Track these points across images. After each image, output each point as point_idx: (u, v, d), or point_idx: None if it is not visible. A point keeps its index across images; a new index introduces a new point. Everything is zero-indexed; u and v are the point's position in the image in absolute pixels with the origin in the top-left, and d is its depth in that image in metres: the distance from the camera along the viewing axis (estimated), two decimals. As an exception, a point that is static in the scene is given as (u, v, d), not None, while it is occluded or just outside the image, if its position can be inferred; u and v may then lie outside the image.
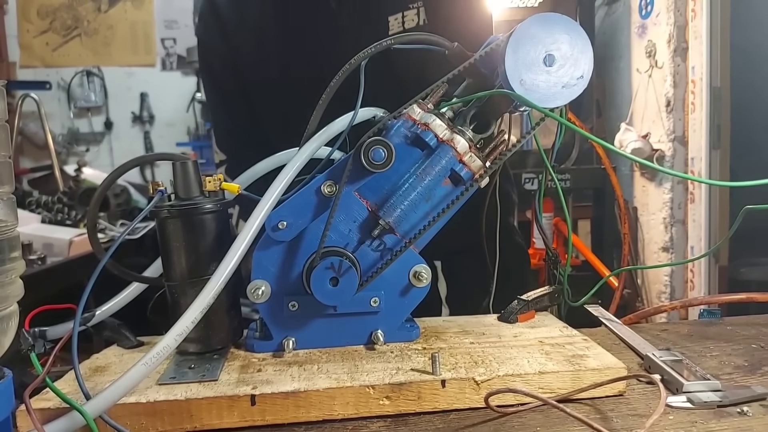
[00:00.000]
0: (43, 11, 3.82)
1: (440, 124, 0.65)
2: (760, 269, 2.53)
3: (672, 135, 2.47)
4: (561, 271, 0.82)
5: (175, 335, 0.53)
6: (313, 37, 1.01)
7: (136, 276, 0.71)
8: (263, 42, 1.04)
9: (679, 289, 2.55)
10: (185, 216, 0.65)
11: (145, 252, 1.92)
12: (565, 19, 0.63)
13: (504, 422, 0.55)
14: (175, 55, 3.95)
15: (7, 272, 0.50)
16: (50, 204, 2.16)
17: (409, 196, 0.65)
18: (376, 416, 0.57)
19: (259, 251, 0.66)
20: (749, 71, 2.42)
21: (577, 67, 0.63)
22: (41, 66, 3.83)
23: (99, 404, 0.49)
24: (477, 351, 0.66)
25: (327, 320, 0.68)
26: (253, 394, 0.56)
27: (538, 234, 2.34)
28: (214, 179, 0.67)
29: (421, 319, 0.77)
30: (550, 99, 0.63)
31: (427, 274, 0.69)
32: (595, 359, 0.63)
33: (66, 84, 3.84)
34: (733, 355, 0.71)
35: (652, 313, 0.94)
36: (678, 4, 2.40)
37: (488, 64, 0.67)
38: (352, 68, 0.68)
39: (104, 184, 0.71)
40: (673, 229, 2.52)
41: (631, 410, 0.57)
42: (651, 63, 2.54)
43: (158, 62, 3.95)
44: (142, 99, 3.93)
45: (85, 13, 3.86)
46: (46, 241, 1.73)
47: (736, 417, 0.54)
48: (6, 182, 0.51)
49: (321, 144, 0.68)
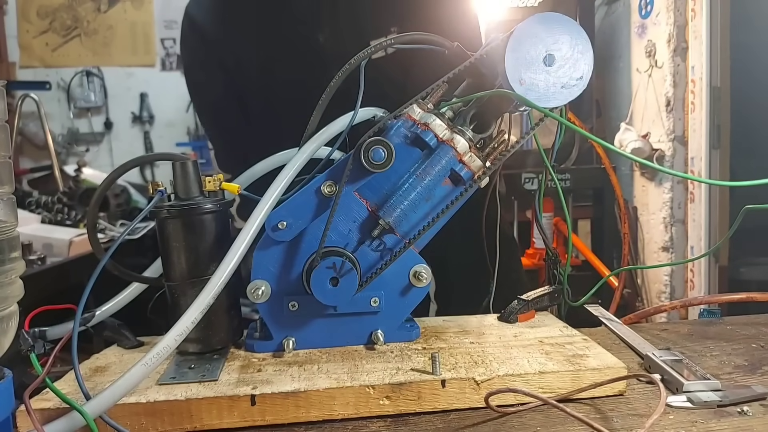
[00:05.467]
0: (43, 11, 3.81)
1: (440, 123, 0.65)
2: (760, 269, 2.52)
3: (672, 135, 2.47)
4: (561, 271, 0.82)
5: (175, 335, 0.53)
6: (301, 66, 1.02)
7: (136, 276, 0.71)
8: (248, 74, 1.06)
9: (679, 289, 2.54)
10: (185, 216, 0.65)
11: (145, 252, 1.92)
12: (565, 19, 0.63)
13: (504, 422, 0.55)
14: (174, 56, 3.95)
15: (7, 272, 0.50)
16: (50, 204, 2.16)
17: (409, 196, 0.65)
18: (376, 416, 0.57)
19: (259, 251, 0.66)
20: (749, 71, 2.42)
21: (577, 67, 0.63)
22: (41, 66, 3.83)
23: (99, 404, 0.49)
24: (477, 351, 0.66)
25: (327, 320, 0.68)
26: (253, 394, 0.56)
27: (538, 234, 2.34)
28: (214, 179, 0.67)
29: (421, 319, 0.77)
30: (549, 99, 0.63)
31: (427, 274, 0.69)
32: (595, 359, 0.63)
33: (66, 84, 3.83)
34: (733, 355, 0.71)
35: (652, 312, 0.94)
36: (678, 4, 2.40)
37: (488, 64, 0.67)
38: (351, 68, 0.68)
39: (104, 184, 0.71)
40: (673, 229, 2.52)
41: (631, 410, 0.57)
42: (651, 63, 2.54)
43: (158, 62, 3.95)
44: (141, 99, 3.92)
45: (84, 13, 3.85)
46: (46, 242, 1.73)
47: (736, 417, 0.54)
48: (6, 182, 0.51)
49: (321, 144, 0.68)
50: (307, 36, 1.02)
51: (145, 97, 3.93)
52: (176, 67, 3.95)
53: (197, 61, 1.12)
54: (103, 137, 3.94)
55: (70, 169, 2.60)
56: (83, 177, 2.44)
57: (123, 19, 3.88)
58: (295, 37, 1.02)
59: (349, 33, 1.01)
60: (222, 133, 1.19)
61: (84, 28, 3.86)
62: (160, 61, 3.95)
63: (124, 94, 3.91)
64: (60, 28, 3.84)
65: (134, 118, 3.94)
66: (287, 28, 1.03)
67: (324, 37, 1.02)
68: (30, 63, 3.82)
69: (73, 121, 3.88)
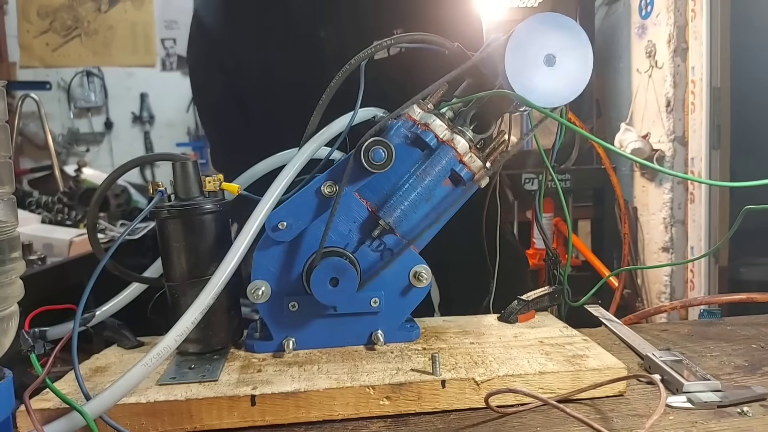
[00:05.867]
0: (43, 11, 3.81)
1: (440, 124, 0.65)
2: (760, 269, 2.52)
3: (672, 135, 2.47)
4: (561, 271, 0.82)
5: (175, 336, 0.53)
6: (302, 66, 1.02)
7: (136, 276, 0.71)
8: (248, 75, 1.06)
9: (679, 289, 2.54)
10: (185, 216, 0.65)
11: (145, 252, 1.92)
12: (565, 20, 0.63)
13: (504, 422, 0.55)
14: (175, 56, 3.95)
15: (7, 273, 0.50)
16: (50, 204, 2.16)
17: (409, 197, 0.65)
18: (376, 416, 0.57)
19: (259, 251, 0.66)
20: (749, 71, 2.42)
21: (576, 67, 0.63)
22: (41, 66, 3.83)
23: (99, 404, 0.49)
24: (477, 351, 0.66)
25: (327, 320, 0.68)
26: (253, 394, 0.56)
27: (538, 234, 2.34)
28: (214, 179, 0.67)
29: (421, 319, 0.77)
30: (550, 99, 0.63)
31: (427, 274, 0.69)
32: (595, 359, 0.63)
33: (66, 84, 3.83)
34: (733, 355, 0.71)
35: (652, 313, 0.94)
36: (678, 4, 2.40)
37: (488, 65, 0.67)
38: (352, 68, 0.68)
39: (104, 185, 0.71)
40: (673, 229, 2.52)
41: (631, 410, 0.57)
42: (651, 63, 2.54)
43: (158, 62, 3.95)
44: (142, 99, 3.92)
45: (85, 13, 3.85)
46: (46, 242, 1.73)
47: (736, 417, 0.54)
48: (6, 182, 0.51)
49: (321, 144, 0.68)
50: (309, 34, 1.02)
51: (146, 97, 3.93)
52: (176, 67, 3.95)
53: (201, 62, 1.13)
54: (104, 137, 3.94)
55: (71, 169, 2.60)
56: (83, 177, 2.44)
57: (123, 19, 3.88)
58: (295, 36, 1.02)
59: (351, 32, 1.01)
60: (221, 134, 1.19)
61: (84, 28, 3.86)
62: (161, 61, 3.95)
63: (124, 94, 3.91)
64: (60, 28, 3.84)
65: (134, 118, 3.94)
66: (288, 27, 1.03)
67: (325, 34, 1.02)
68: (30, 63, 3.82)
69: (74, 121, 3.88)
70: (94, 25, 3.86)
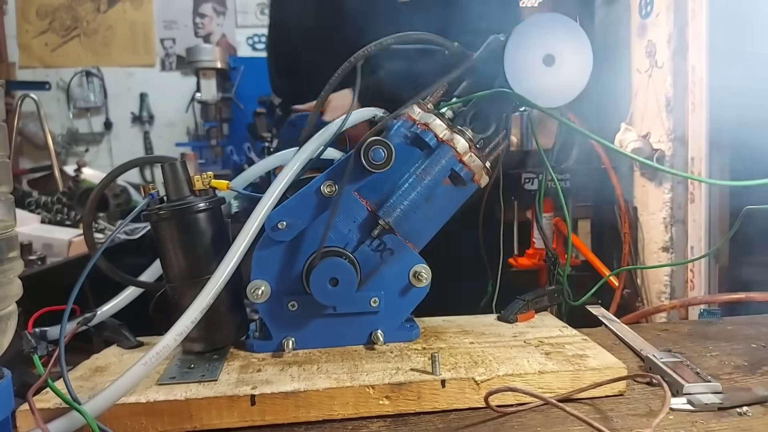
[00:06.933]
0: (43, 12, 3.81)
1: (440, 124, 0.65)
2: (760, 269, 2.52)
3: (672, 135, 2.47)
4: (561, 271, 0.82)
5: (175, 335, 0.53)
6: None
7: (135, 281, 0.71)
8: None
9: (679, 289, 2.54)
10: (178, 216, 0.65)
11: (145, 252, 1.92)
12: (564, 20, 0.63)
13: (504, 422, 0.55)
14: (174, 56, 3.95)
15: (6, 272, 0.50)
16: (50, 204, 2.16)
17: (409, 196, 0.65)
18: (376, 416, 0.57)
19: (259, 251, 0.66)
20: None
21: (576, 67, 0.63)
22: (40, 66, 3.83)
23: (99, 404, 0.49)
24: (477, 351, 0.66)
25: (327, 320, 0.68)
26: (252, 394, 0.56)
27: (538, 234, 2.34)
28: (203, 177, 0.67)
29: (420, 319, 0.77)
30: (549, 99, 0.63)
31: (427, 274, 0.69)
32: (595, 359, 0.63)
33: (65, 84, 3.83)
34: (733, 355, 0.71)
35: (652, 312, 0.94)
36: (678, 4, 2.40)
37: (488, 64, 0.67)
38: (350, 67, 0.68)
39: (100, 186, 0.71)
40: (673, 229, 2.51)
41: (631, 410, 0.57)
42: (651, 63, 2.54)
43: (158, 62, 3.95)
44: (141, 99, 3.92)
45: (84, 13, 3.85)
46: (45, 242, 1.73)
47: (736, 417, 0.54)
48: (4, 182, 0.51)
49: (321, 144, 0.68)
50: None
51: (145, 97, 3.93)
52: (176, 67, 3.95)
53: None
54: (103, 137, 3.94)
55: (70, 169, 2.60)
56: (83, 177, 2.44)
57: (123, 19, 3.88)
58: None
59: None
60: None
61: (84, 28, 3.86)
62: (160, 61, 3.95)
63: (123, 94, 3.91)
64: (59, 28, 3.84)
65: (134, 118, 3.94)
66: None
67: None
68: (29, 63, 3.82)
69: (73, 121, 3.88)
70: (93, 25, 3.86)
